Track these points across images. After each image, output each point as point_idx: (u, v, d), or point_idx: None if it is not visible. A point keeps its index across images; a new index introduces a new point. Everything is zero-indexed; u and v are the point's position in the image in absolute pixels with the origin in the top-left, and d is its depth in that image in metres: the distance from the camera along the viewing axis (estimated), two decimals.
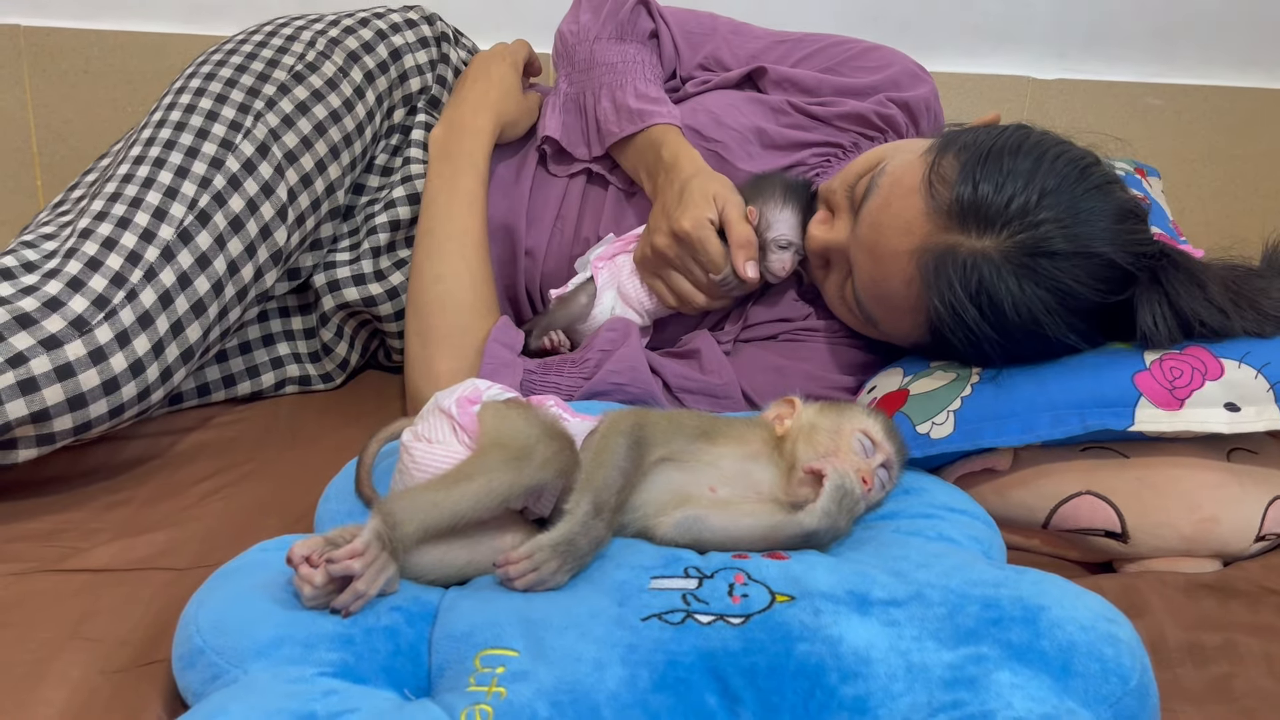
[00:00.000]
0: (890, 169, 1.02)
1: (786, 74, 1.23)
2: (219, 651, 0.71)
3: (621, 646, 0.71)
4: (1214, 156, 1.72)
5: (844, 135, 1.21)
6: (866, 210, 1.01)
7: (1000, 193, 0.93)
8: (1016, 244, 0.93)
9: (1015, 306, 0.94)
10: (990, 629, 0.72)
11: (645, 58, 1.23)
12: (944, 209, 0.95)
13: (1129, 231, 0.96)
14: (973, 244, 0.94)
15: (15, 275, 0.98)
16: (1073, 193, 0.94)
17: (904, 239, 0.97)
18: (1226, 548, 0.96)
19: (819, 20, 1.48)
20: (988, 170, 0.94)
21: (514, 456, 0.78)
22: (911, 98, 1.22)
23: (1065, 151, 0.97)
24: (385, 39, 1.25)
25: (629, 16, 1.24)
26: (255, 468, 1.08)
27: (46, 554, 0.93)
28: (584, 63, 1.23)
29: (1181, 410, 0.93)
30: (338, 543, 0.76)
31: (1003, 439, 0.96)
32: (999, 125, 1.02)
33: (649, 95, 1.19)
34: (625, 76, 1.20)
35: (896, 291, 0.99)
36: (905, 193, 0.98)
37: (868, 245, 1.01)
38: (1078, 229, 0.93)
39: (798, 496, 0.83)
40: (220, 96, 1.13)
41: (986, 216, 0.94)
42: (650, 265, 1.11)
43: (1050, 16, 1.67)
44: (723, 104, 1.21)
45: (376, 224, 1.22)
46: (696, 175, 1.10)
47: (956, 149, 0.97)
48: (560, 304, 1.15)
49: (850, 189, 1.06)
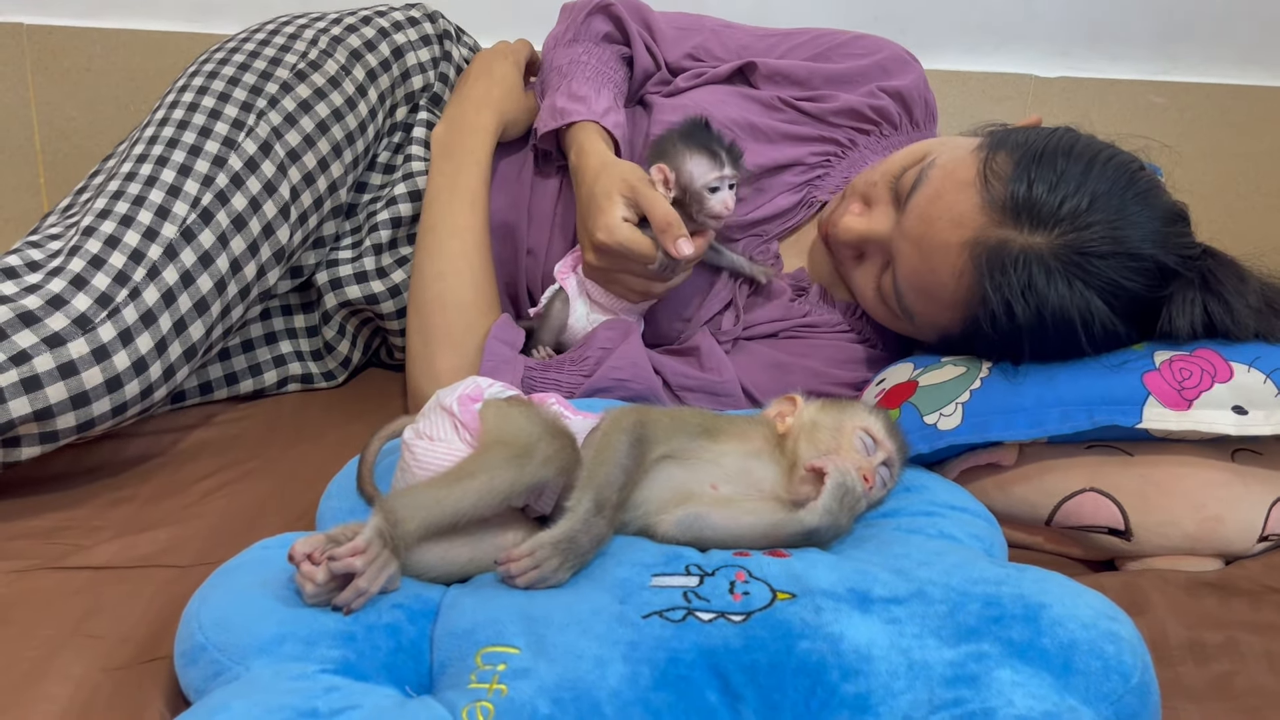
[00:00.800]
0: (941, 162, 1.02)
1: (776, 67, 1.23)
2: (221, 648, 0.72)
3: (623, 644, 0.71)
4: (1217, 154, 1.71)
5: (839, 131, 1.21)
6: (915, 202, 1.02)
7: (1054, 193, 0.95)
8: (1067, 243, 0.95)
9: (1062, 305, 0.95)
10: (991, 626, 0.72)
11: (594, 56, 1.23)
12: (999, 204, 0.96)
13: (1177, 234, 0.98)
14: (1025, 239, 0.96)
15: (19, 274, 0.98)
16: (1122, 197, 0.96)
17: (956, 231, 0.98)
18: (1230, 547, 0.96)
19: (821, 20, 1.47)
20: (1042, 170, 0.96)
21: (516, 454, 0.78)
22: (903, 85, 1.22)
23: (1115, 156, 0.99)
24: (387, 37, 1.25)
25: (583, 19, 1.25)
26: (257, 465, 1.08)
27: (49, 551, 0.93)
28: (546, 68, 1.25)
29: (1190, 411, 0.93)
30: (339, 540, 0.76)
31: (1011, 433, 0.96)
32: (1047, 127, 1.03)
33: (578, 94, 1.18)
34: (566, 78, 1.21)
35: (944, 284, 1.00)
36: (958, 186, 0.99)
37: (915, 236, 1.01)
38: (1127, 231, 0.95)
39: (799, 494, 0.83)
40: (223, 95, 1.13)
41: (1040, 215, 0.95)
42: (596, 275, 1.11)
43: (1053, 14, 1.67)
44: (712, 99, 1.21)
45: (378, 221, 1.22)
46: (599, 176, 1.08)
47: (1009, 148, 0.99)
48: (541, 321, 1.14)
49: (894, 180, 1.06)
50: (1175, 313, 0.97)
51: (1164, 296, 0.98)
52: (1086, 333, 0.96)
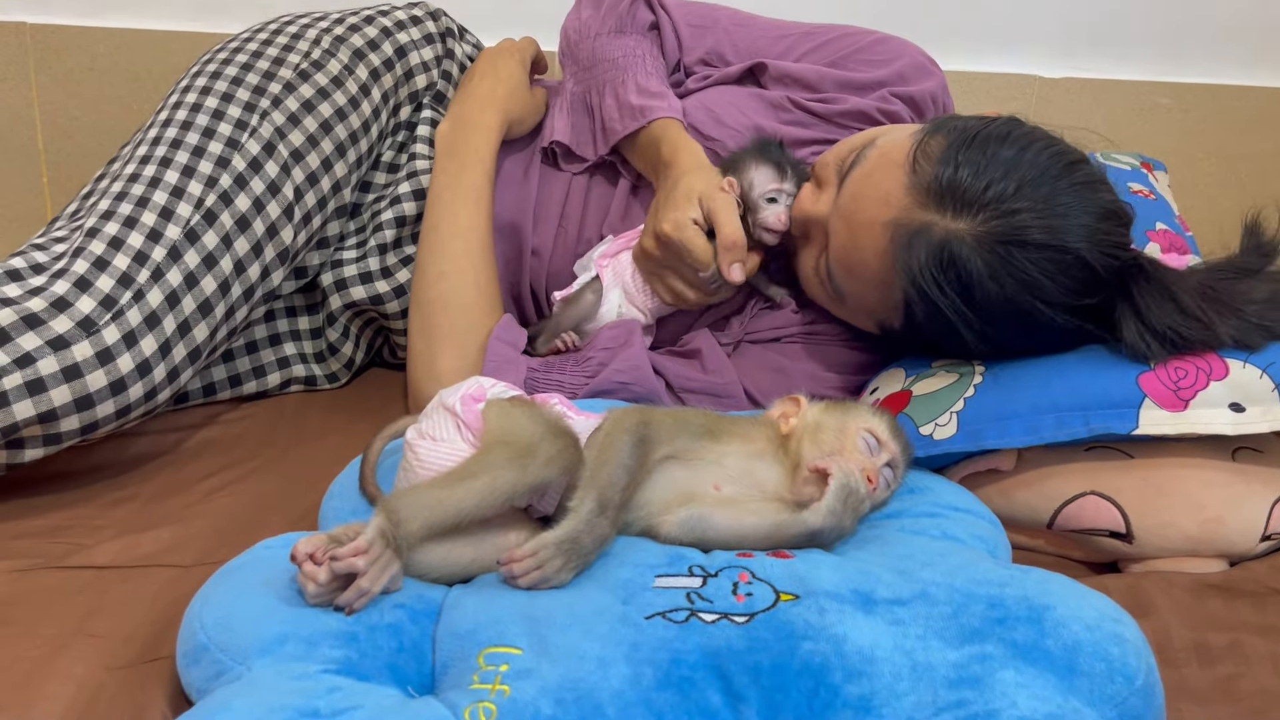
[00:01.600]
0: (880, 144, 1.02)
1: (787, 69, 1.22)
2: (223, 648, 0.72)
3: (625, 644, 0.71)
4: (1221, 155, 1.71)
5: (845, 132, 1.20)
6: (850, 180, 1.01)
7: (979, 177, 0.94)
8: (990, 230, 0.93)
9: (984, 292, 0.94)
10: (995, 628, 0.72)
11: (646, 50, 1.22)
12: (924, 186, 0.95)
13: (1106, 232, 0.95)
14: (948, 224, 0.94)
15: (23, 276, 0.98)
16: (1053, 186, 0.94)
17: (881, 209, 0.97)
18: (1232, 548, 0.96)
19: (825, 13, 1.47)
20: (970, 154, 0.95)
21: (518, 454, 0.78)
22: (916, 91, 1.21)
23: (1051, 145, 0.97)
24: (390, 36, 1.24)
25: (628, 9, 1.24)
26: (260, 465, 1.08)
27: (51, 550, 0.93)
28: (587, 60, 1.23)
29: (1186, 411, 0.92)
30: (341, 540, 0.76)
31: (1006, 440, 0.96)
32: (991, 116, 1.01)
33: (649, 89, 1.18)
34: (626, 72, 1.20)
35: (868, 263, 0.99)
36: (890, 166, 0.98)
37: (846, 214, 1.01)
38: (1053, 221, 0.93)
39: (802, 495, 0.83)
40: (226, 95, 1.13)
41: (964, 199, 0.94)
42: (643, 264, 1.11)
43: (1057, 15, 1.66)
44: (722, 101, 1.21)
45: (382, 220, 1.22)
46: (686, 174, 1.09)
47: (945, 131, 0.98)
48: (566, 305, 1.15)
49: (841, 162, 1.05)
50: (1125, 330, 0.95)
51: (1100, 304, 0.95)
52: (1025, 323, 0.94)
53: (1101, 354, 0.97)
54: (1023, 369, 0.98)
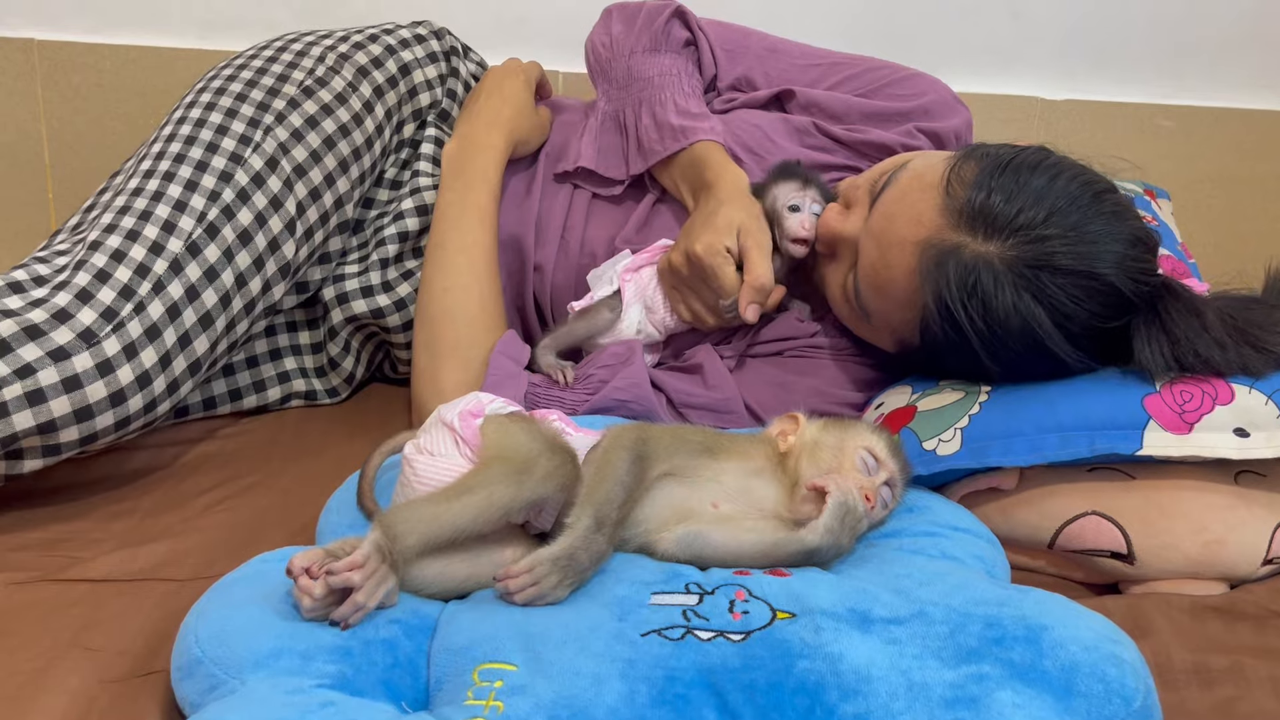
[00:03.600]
0: (913, 166, 1.03)
1: (814, 98, 1.23)
2: (217, 662, 0.71)
3: (621, 661, 0.70)
4: (1224, 178, 1.71)
5: (867, 160, 1.20)
6: (882, 200, 1.03)
7: (1011, 203, 0.95)
8: (1020, 254, 0.94)
9: (1008, 315, 0.94)
10: (992, 648, 0.72)
11: (682, 68, 1.22)
12: (957, 208, 0.97)
13: (1135, 259, 0.96)
14: (978, 247, 0.95)
15: (25, 288, 0.99)
16: (1083, 214, 0.95)
17: (913, 229, 0.98)
18: (1233, 570, 0.96)
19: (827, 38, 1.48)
20: (1003, 181, 0.96)
21: (516, 470, 0.78)
22: (941, 128, 1.22)
23: (1080, 174, 0.98)
24: (394, 54, 1.25)
25: (663, 26, 1.23)
26: (258, 480, 1.08)
27: (48, 563, 0.93)
28: (621, 78, 1.23)
29: (1191, 434, 0.92)
30: (338, 555, 0.75)
31: (1009, 459, 0.96)
32: (1021, 144, 1.03)
33: (690, 110, 1.18)
34: (664, 91, 1.20)
35: (896, 282, 1.00)
36: (923, 187, 1.00)
37: (877, 232, 1.02)
38: (1082, 248, 0.94)
39: (800, 513, 0.83)
40: (230, 111, 1.13)
41: (995, 223, 0.95)
42: (667, 278, 1.12)
43: (1059, 37, 1.67)
44: (746, 124, 1.21)
45: (385, 236, 1.22)
46: (728, 202, 1.10)
47: (978, 158, 0.99)
48: (581, 317, 1.14)
49: (873, 184, 1.06)
50: (1139, 347, 0.95)
51: (1122, 327, 0.96)
52: (1042, 348, 0.95)
53: (1106, 377, 0.97)
54: (1028, 389, 0.98)
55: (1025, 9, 1.65)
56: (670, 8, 1.25)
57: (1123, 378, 0.97)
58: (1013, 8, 1.65)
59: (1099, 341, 0.97)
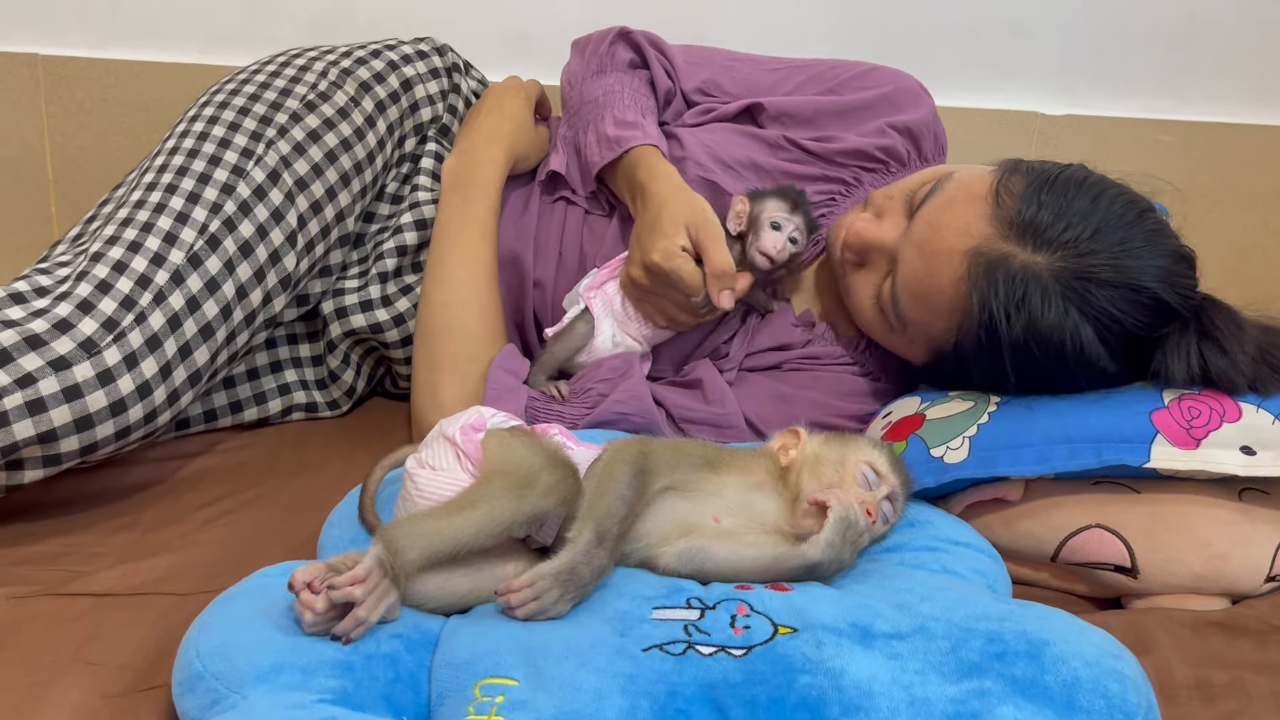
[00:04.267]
0: (959, 177, 1.04)
1: (783, 107, 1.23)
2: (218, 677, 0.71)
3: (622, 677, 0.70)
4: (1223, 193, 1.72)
5: (844, 171, 1.21)
6: (926, 209, 1.03)
7: (1060, 218, 0.97)
8: (1068, 267, 0.96)
9: (1052, 327, 0.96)
10: (994, 663, 0.72)
11: (626, 84, 1.24)
12: (1007, 219, 0.98)
13: (1180, 274, 0.98)
14: (1027, 257, 0.97)
15: (26, 299, 0.99)
16: (1129, 231, 0.97)
17: (961, 239, 0.99)
18: (1236, 586, 0.96)
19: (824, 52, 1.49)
20: (1051, 197, 0.98)
21: (517, 484, 0.78)
22: (912, 120, 1.23)
23: (1124, 193, 1.01)
24: (397, 69, 1.26)
25: (607, 50, 1.27)
26: (260, 493, 1.08)
27: (50, 577, 0.93)
28: (575, 104, 1.26)
29: (1198, 450, 0.93)
30: (340, 569, 0.75)
31: (1017, 468, 0.96)
32: (1062, 162, 1.05)
33: (626, 120, 1.19)
34: (605, 109, 1.22)
35: (941, 290, 1.01)
36: (970, 197, 1.01)
37: (920, 241, 1.02)
38: (1129, 262, 0.96)
39: (801, 528, 0.83)
40: (233, 125, 1.14)
41: (1045, 236, 0.97)
42: (632, 292, 1.12)
43: (1058, 52, 1.67)
44: (718, 137, 1.22)
45: (384, 250, 1.23)
46: (669, 201, 1.10)
47: (1023, 172, 1.01)
48: (557, 339, 1.15)
49: (910, 195, 1.07)
50: (1170, 357, 0.97)
51: (1158, 338, 0.98)
52: (1075, 360, 0.96)
53: (1115, 391, 0.98)
54: (1037, 400, 0.98)
55: (1024, 25, 1.66)
56: (614, 32, 1.28)
57: (1131, 393, 0.97)
58: (1012, 23, 1.66)
59: (1136, 355, 0.98)
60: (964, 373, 1.03)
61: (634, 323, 1.13)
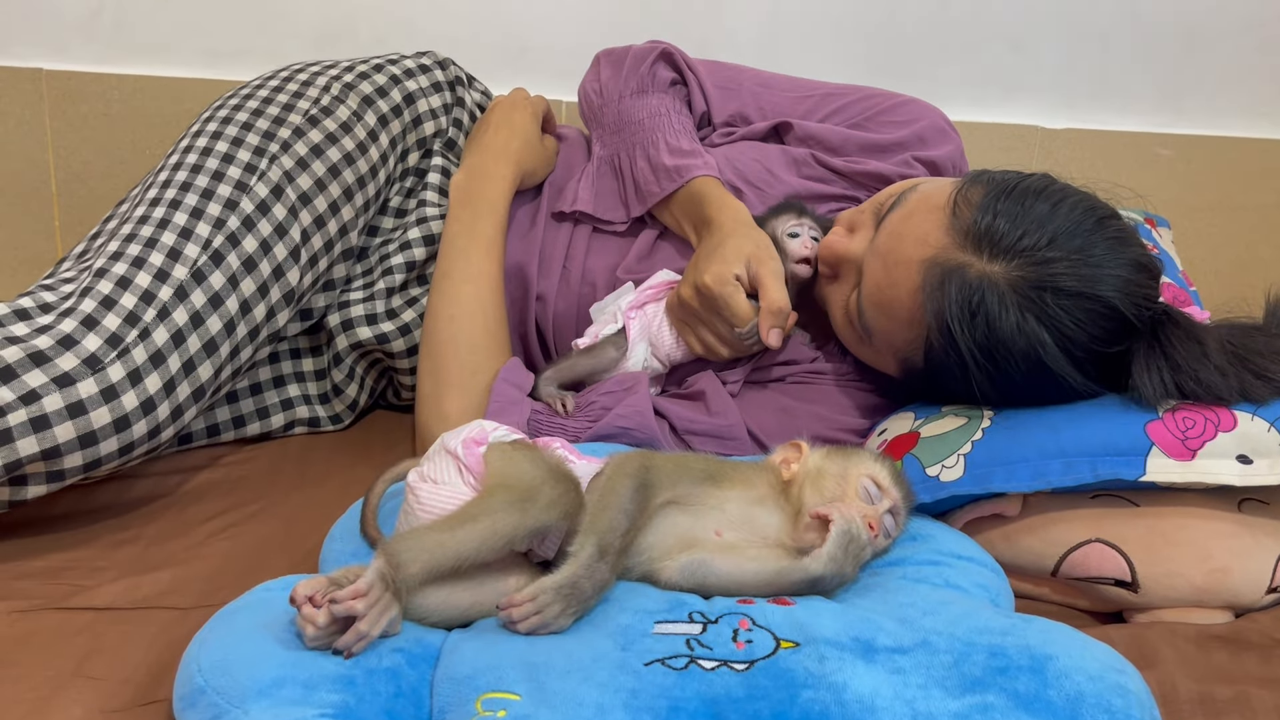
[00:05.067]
0: (921, 189, 1.05)
1: (811, 131, 1.24)
2: (220, 691, 0.71)
3: (624, 691, 0.70)
4: (1223, 207, 1.72)
5: (865, 191, 1.22)
6: (889, 220, 1.04)
7: (1016, 226, 0.96)
8: (1024, 276, 0.95)
9: (1010, 335, 0.95)
10: (997, 678, 0.71)
11: (670, 106, 1.24)
12: (963, 229, 0.98)
13: (1138, 284, 0.97)
14: (983, 266, 0.97)
15: (31, 315, 0.99)
16: (1087, 239, 0.96)
17: (918, 249, 0.99)
18: (1238, 599, 0.95)
19: (827, 67, 1.49)
20: (1008, 205, 0.97)
21: (519, 498, 0.78)
22: (938, 156, 1.24)
23: (1084, 201, 0.99)
24: (399, 84, 1.27)
25: (649, 69, 1.26)
26: (262, 507, 1.08)
27: (52, 592, 0.93)
28: (613, 124, 1.25)
29: (1194, 461, 0.92)
30: (341, 583, 0.75)
31: (1013, 484, 0.96)
32: (1026, 171, 1.04)
33: (682, 148, 1.20)
34: (655, 132, 1.22)
35: (900, 300, 1.01)
36: (930, 209, 1.01)
37: (883, 251, 1.03)
38: (1085, 271, 0.95)
39: (804, 542, 0.83)
40: (236, 140, 1.14)
41: (1000, 245, 0.96)
42: (677, 314, 1.12)
43: (1058, 66, 1.68)
44: (745, 156, 1.23)
45: (392, 265, 1.23)
46: (733, 234, 1.10)
47: (984, 183, 1.01)
48: (585, 354, 1.14)
49: (879, 207, 1.08)
50: (1137, 373, 0.96)
51: (1121, 352, 0.97)
52: (1040, 371, 0.96)
53: (1109, 403, 0.98)
54: (1031, 415, 0.98)
55: (1025, 40, 1.67)
56: (656, 50, 1.28)
57: (1125, 405, 0.97)
58: (1013, 39, 1.67)
59: (1102, 366, 0.98)
60: (939, 386, 1.03)
61: (667, 346, 1.13)
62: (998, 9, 1.65)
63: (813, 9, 1.63)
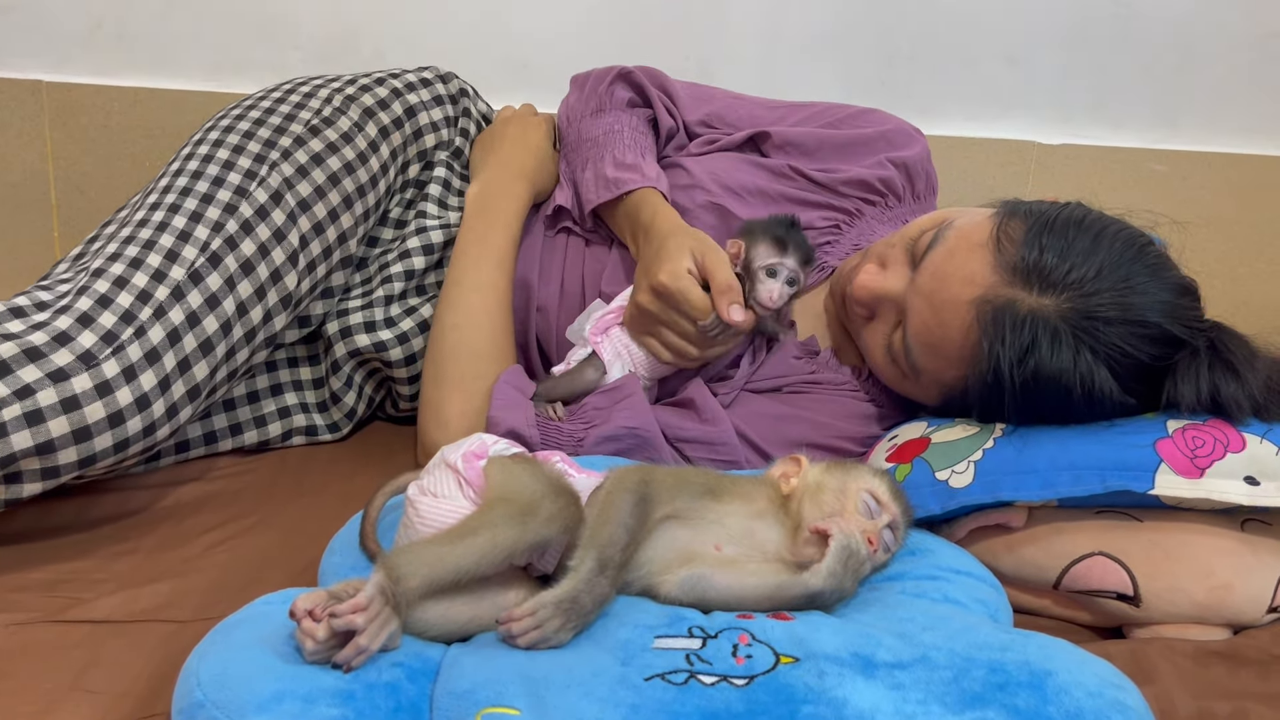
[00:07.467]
0: (958, 225, 1.05)
1: (788, 136, 1.26)
2: (219, 705, 0.71)
3: (624, 706, 0.70)
4: (1219, 223, 1.73)
5: (847, 201, 1.24)
6: (930, 260, 1.04)
7: (1063, 260, 0.98)
8: (1075, 308, 0.97)
9: (1063, 368, 0.96)
10: (996, 693, 0.71)
11: (625, 124, 1.27)
12: (1010, 265, 0.99)
13: (1185, 307, 1.00)
14: (1034, 301, 0.98)
15: (27, 313, 0.99)
16: (1130, 268, 0.98)
17: (967, 289, 1.00)
18: (1239, 617, 0.96)
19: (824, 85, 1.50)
20: (1052, 239, 0.99)
21: (519, 512, 0.78)
22: (908, 156, 1.26)
23: (1123, 230, 1.02)
24: (401, 96, 1.28)
25: (606, 89, 1.29)
26: (260, 519, 1.08)
27: (49, 604, 0.92)
28: (573, 142, 1.28)
29: (1202, 479, 0.93)
30: (341, 597, 0.75)
31: (1022, 494, 0.96)
32: (1059, 201, 1.06)
33: (625, 162, 1.22)
34: (605, 148, 1.24)
35: (952, 340, 1.02)
36: (972, 247, 1.02)
37: (928, 292, 1.03)
38: (1134, 299, 0.97)
39: (803, 556, 0.83)
40: (237, 148, 1.15)
41: (1049, 279, 0.98)
42: (638, 324, 1.12)
43: (1054, 82, 1.69)
44: (724, 165, 1.24)
45: (391, 274, 1.24)
46: (673, 232, 1.11)
47: (1022, 215, 1.02)
48: (564, 378, 1.14)
49: (911, 243, 1.08)
50: (1181, 381, 0.97)
51: (1169, 365, 0.98)
52: (1085, 398, 0.97)
53: (1119, 420, 0.99)
54: (1043, 428, 0.99)
55: (1021, 56, 1.68)
56: (614, 71, 1.31)
57: (1136, 423, 0.98)
58: (1009, 55, 1.68)
59: (1150, 384, 0.99)
60: (971, 409, 1.04)
61: (641, 366, 1.13)
62: (994, 25, 1.66)
63: (813, 28, 1.64)
